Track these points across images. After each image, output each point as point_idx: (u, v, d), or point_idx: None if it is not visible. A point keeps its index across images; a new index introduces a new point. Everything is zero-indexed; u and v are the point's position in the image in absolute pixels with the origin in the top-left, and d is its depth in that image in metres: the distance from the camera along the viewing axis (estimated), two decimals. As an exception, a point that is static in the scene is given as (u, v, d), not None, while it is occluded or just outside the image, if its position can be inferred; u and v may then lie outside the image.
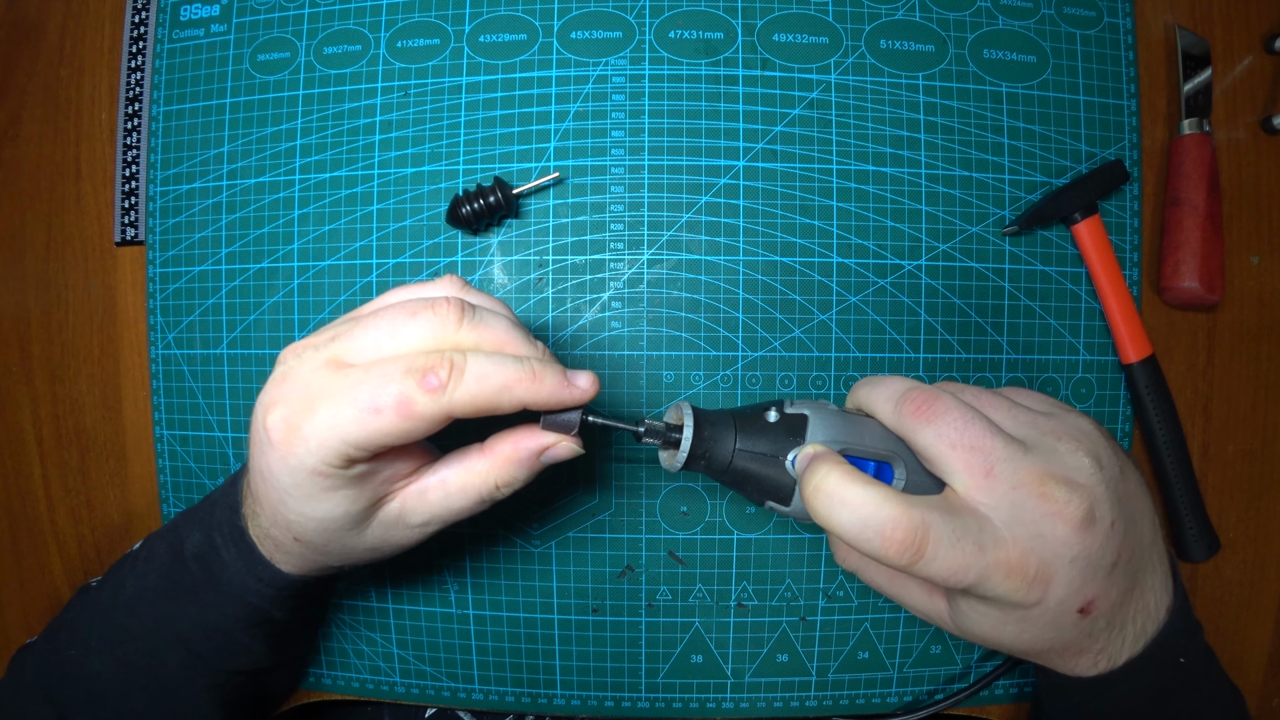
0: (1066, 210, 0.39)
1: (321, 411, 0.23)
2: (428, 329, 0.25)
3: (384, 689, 0.42)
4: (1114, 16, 0.41)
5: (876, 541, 0.24)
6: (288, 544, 0.28)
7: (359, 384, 0.23)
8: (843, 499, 0.24)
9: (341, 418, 0.23)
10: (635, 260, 0.39)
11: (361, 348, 0.25)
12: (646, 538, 0.40)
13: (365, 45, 0.41)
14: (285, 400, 0.24)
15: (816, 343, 0.39)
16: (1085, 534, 0.24)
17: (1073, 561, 0.24)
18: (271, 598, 0.30)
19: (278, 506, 0.26)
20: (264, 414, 0.24)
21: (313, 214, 0.41)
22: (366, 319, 0.25)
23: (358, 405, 0.23)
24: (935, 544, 0.23)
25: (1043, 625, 0.26)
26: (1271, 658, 0.42)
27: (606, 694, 0.41)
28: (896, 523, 0.23)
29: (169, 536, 0.31)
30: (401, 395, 0.23)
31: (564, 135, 0.40)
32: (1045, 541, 0.24)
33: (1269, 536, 0.42)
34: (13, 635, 0.46)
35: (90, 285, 0.44)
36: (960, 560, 0.24)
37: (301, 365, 0.25)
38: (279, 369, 0.25)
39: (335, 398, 0.23)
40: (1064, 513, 0.24)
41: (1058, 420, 0.27)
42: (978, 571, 0.24)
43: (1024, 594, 0.24)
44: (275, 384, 0.25)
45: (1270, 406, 0.42)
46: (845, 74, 0.40)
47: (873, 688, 0.41)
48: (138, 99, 0.43)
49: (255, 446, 0.26)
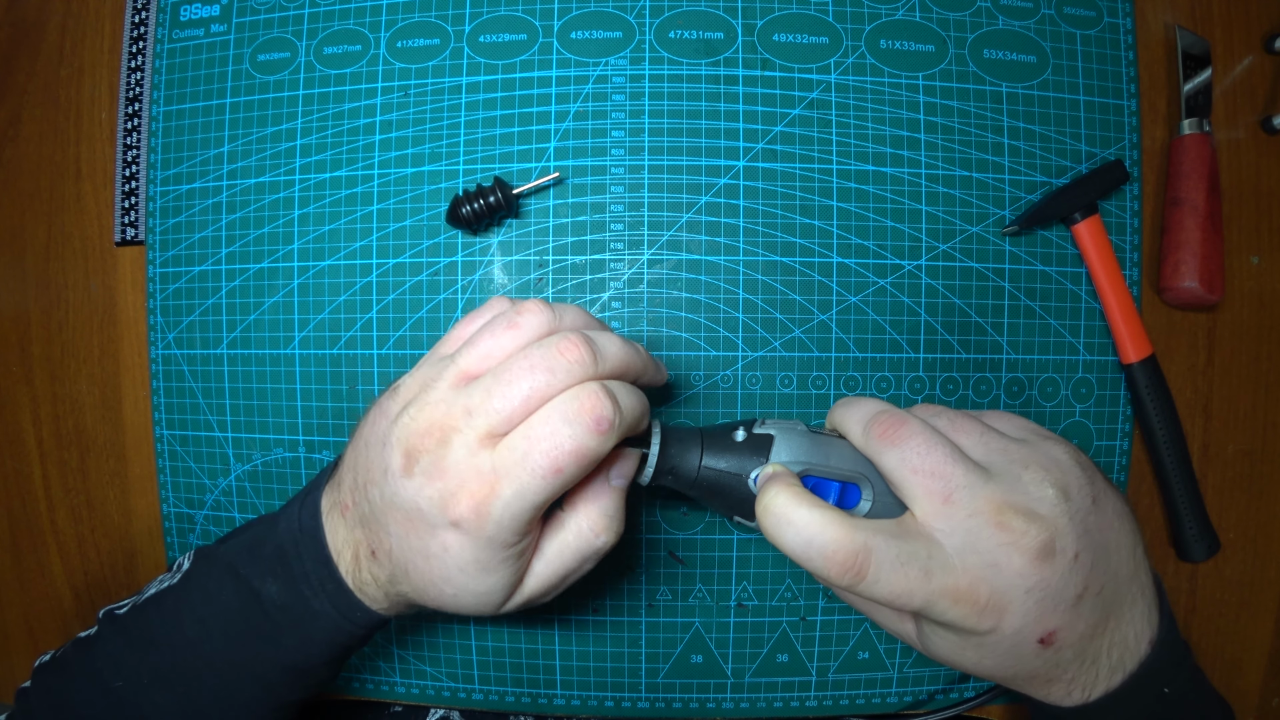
0: (1066, 210, 0.39)
1: (506, 492, 0.24)
2: (570, 377, 0.25)
3: (384, 689, 0.42)
4: (1114, 16, 0.41)
5: (819, 561, 0.24)
6: (424, 606, 0.29)
7: (533, 453, 0.24)
8: (789, 519, 0.25)
9: (528, 490, 0.24)
10: (635, 260, 0.39)
11: (509, 416, 0.25)
12: (646, 538, 0.40)
13: (365, 45, 0.41)
14: (462, 489, 0.24)
15: (816, 343, 0.39)
16: (1043, 565, 0.24)
17: (1028, 592, 0.24)
18: (360, 636, 0.30)
19: (438, 583, 0.27)
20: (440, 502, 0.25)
21: (313, 214, 0.41)
22: (501, 382, 0.25)
23: (539, 474, 0.24)
24: (877, 567, 0.24)
25: (1001, 653, 0.26)
26: (1271, 658, 0.42)
27: (606, 694, 0.41)
28: (839, 545, 0.24)
29: (228, 581, 0.30)
30: (577, 447, 0.24)
31: (564, 135, 0.40)
32: (999, 571, 0.24)
33: (1269, 536, 0.42)
34: (13, 635, 0.46)
35: (90, 285, 0.44)
36: (903, 584, 0.24)
37: (456, 453, 0.25)
38: (424, 460, 0.25)
39: (514, 475, 0.24)
40: (1020, 543, 0.24)
41: (1030, 448, 0.27)
42: (923, 597, 0.24)
43: (975, 621, 0.25)
44: (428, 475, 0.25)
45: (1270, 406, 0.42)
46: (845, 74, 0.40)
47: (873, 688, 0.41)
48: (138, 99, 0.43)
49: (412, 530, 0.26)
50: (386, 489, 0.26)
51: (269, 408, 0.41)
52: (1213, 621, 0.42)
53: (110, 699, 0.31)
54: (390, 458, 0.26)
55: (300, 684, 0.31)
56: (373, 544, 0.28)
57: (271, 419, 0.41)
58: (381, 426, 0.27)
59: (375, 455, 0.27)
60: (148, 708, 0.31)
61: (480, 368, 0.26)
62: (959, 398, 0.40)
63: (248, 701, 0.31)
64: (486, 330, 0.27)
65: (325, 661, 0.30)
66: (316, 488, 0.31)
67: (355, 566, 0.29)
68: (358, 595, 0.29)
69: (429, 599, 0.28)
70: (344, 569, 0.29)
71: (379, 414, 0.28)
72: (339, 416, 0.41)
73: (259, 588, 0.30)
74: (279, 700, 0.31)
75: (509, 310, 0.27)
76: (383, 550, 0.27)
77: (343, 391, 0.41)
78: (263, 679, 0.30)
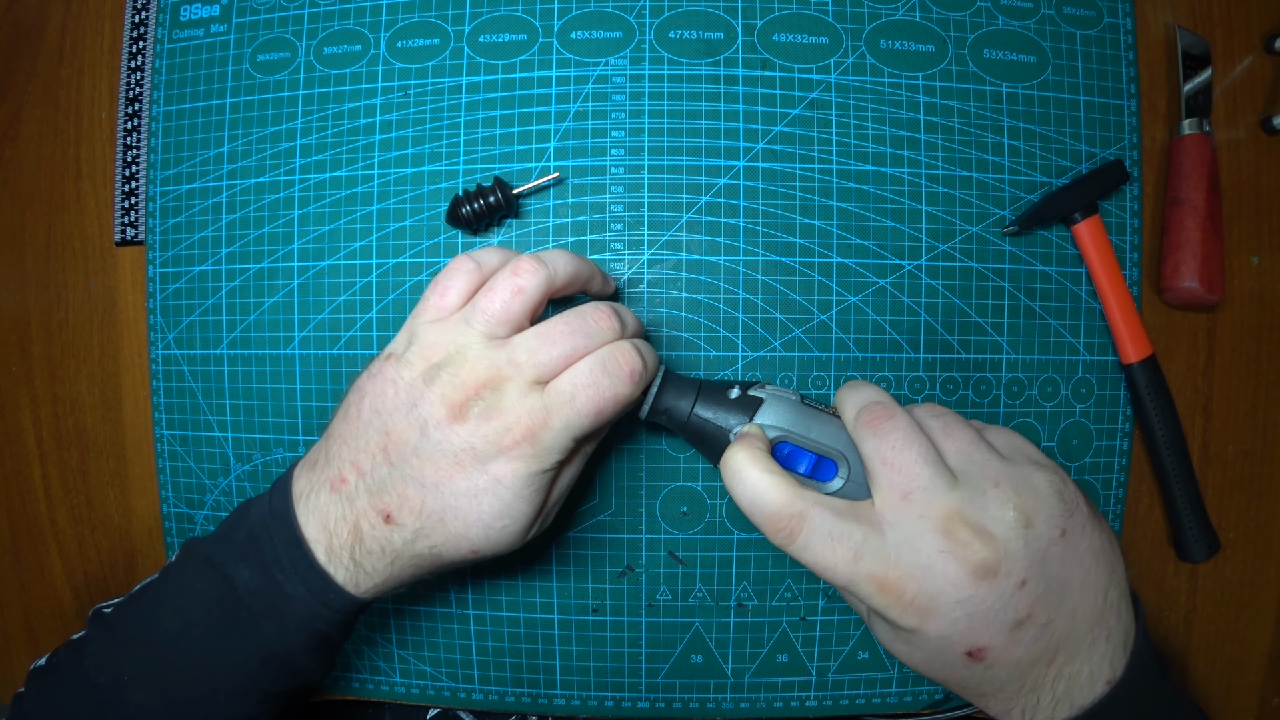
0: (1066, 210, 0.39)
1: (555, 423, 0.28)
2: (602, 339, 0.29)
3: (384, 689, 0.42)
4: (1114, 16, 0.41)
5: (759, 518, 0.27)
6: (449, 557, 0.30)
7: (578, 394, 0.28)
8: (742, 476, 0.28)
9: (574, 424, 0.28)
10: (635, 260, 0.39)
11: (553, 367, 0.29)
12: (646, 538, 0.40)
13: (365, 45, 0.41)
14: (516, 423, 0.28)
15: (816, 343, 0.39)
16: (979, 582, 0.25)
17: (959, 603, 0.25)
18: (338, 622, 0.30)
19: (486, 518, 0.29)
20: (495, 439, 0.28)
21: (313, 214, 0.41)
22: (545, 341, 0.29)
23: (584, 413, 0.28)
24: (808, 535, 0.26)
25: (928, 654, 0.27)
26: (1271, 658, 0.42)
27: (606, 694, 0.41)
28: (778, 506, 0.27)
29: (204, 571, 0.31)
30: (616, 394, 0.28)
31: (564, 135, 0.40)
32: (932, 574, 0.25)
33: (1269, 536, 0.42)
34: (13, 635, 0.46)
35: (90, 285, 0.44)
36: (829, 558, 0.26)
37: (510, 396, 0.28)
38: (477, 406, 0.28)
39: (561, 411, 0.28)
40: (960, 554, 0.25)
41: (1010, 468, 0.27)
42: (846, 575, 0.26)
43: (898, 614, 0.26)
44: (486, 417, 0.28)
45: (1270, 406, 0.42)
46: (845, 74, 0.40)
47: (873, 688, 0.41)
48: (138, 99, 0.43)
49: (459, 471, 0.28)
50: (427, 443, 0.28)
51: (269, 408, 0.41)
52: (1213, 621, 0.42)
53: (96, 697, 0.31)
54: (429, 412, 0.28)
55: (283, 675, 0.31)
56: (387, 507, 0.29)
57: (271, 419, 0.41)
58: (400, 392, 0.29)
59: (401, 418, 0.29)
60: (130, 706, 0.30)
61: (501, 332, 0.29)
62: (959, 398, 0.40)
63: (230, 695, 0.30)
64: (492, 297, 0.29)
65: (305, 650, 0.30)
66: (287, 474, 0.31)
67: (355, 540, 0.29)
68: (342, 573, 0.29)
69: (465, 544, 0.29)
70: (336, 547, 0.29)
71: (384, 383, 0.29)
72: (339, 416, 0.41)
73: (232, 575, 0.30)
74: (262, 692, 0.31)
75: (506, 274, 0.30)
76: (407, 508, 0.28)
77: (343, 391, 0.41)
78: (242, 669, 0.30)
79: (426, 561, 0.30)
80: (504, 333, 0.29)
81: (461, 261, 0.31)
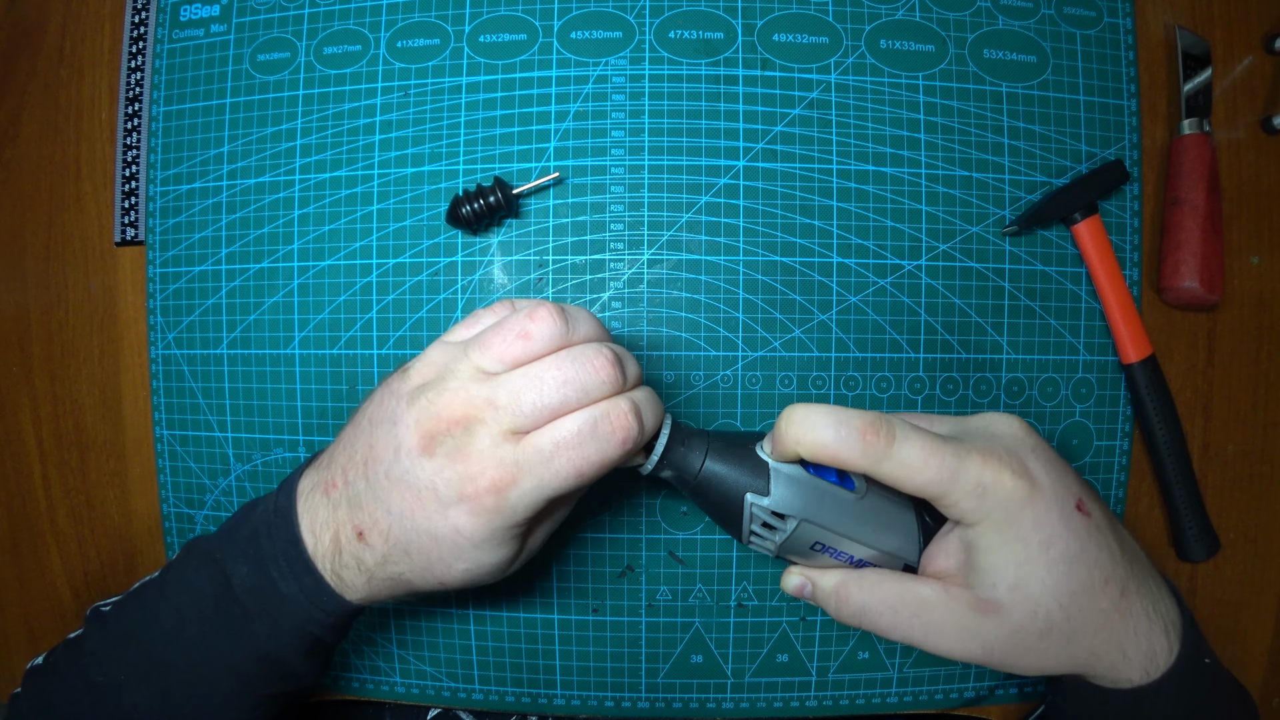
0: (1066, 210, 0.39)
1: (525, 482, 0.26)
2: (599, 395, 0.26)
3: (384, 689, 0.42)
4: (1114, 16, 0.41)
5: (845, 431, 0.25)
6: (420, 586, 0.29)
7: (558, 455, 0.25)
8: (813, 414, 0.26)
9: (547, 485, 0.26)
10: (635, 260, 0.39)
11: (535, 419, 0.26)
12: (646, 538, 0.40)
13: (365, 45, 0.41)
14: (481, 475, 0.26)
15: (816, 343, 0.39)
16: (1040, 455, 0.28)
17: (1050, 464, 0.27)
18: (330, 625, 0.30)
19: (447, 559, 0.27)
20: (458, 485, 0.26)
21: (313, 214, 0.41)
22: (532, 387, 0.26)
23: (562, 477, 0.26)
24: (903, 439, 0.25)
25: (1054, 521, 0.26)
26: (1271, 658, 0.42)
27: (606, 694, 0.41)
28: (864, 418, 0.26)
29: (204, 568, 0.31)
30: (602, 460, 0.26)
31: (564, 135, 0.40)
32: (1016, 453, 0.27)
33: (1269, 536, 0.42)
34: (13, 635, 0.46)
35: (90, 285, 0.44)
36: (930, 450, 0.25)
37: (480, 441, 0.26)
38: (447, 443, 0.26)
39: (535, 471, 0.26)
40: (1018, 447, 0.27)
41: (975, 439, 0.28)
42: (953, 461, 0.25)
43: (1011, 480, 0.26)
44: (452, 459, 0.26)
45: (1270, 406, 0.42)
46: (845, 74, 0.40)
47: (873, 688, 0.41)
48: (138, 99, 0.43)
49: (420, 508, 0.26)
50: (397, 467, 0.26)
51: (269, 408, 0.41)
52: (1213, 621, 0.42)
53: (92, 696, 0.31)
54: (404, 436, 0.26)
55: (276, 676, 0.31)
56: (360, 525, 0.28)
57: (271, 419, 0.41)
58: (391, 406, 0.28)
59: (383, 433, 0.27)
60: (126, 705, 0.30)
61: (493, 369, 0.27)
62: (959, 398, 0.40)
63: (224, 695, 0.30)
64: (498, 332, 0.27)
65: (299, 653, 0.30)
66: (296, 472, 0.31)
67: (335, 550, 0.28)
68: (330, 580, 0.29)
69: (431, 577, 0.28)
70: (320, 553, 0.29)
71: (387, 393, 0.28)
72: (339, 416, 0.41)
73: (231, 571, 0.30)
74: (255, 694, 0.31)
75: (521, 316, 0.27)
76: (377, 531, 0.27)
77: (343, 391, 0.41)
78: (236, 670, 0.30)
79: (401, 586, 0.29)
80: (497, 370, 0.27)
81: (506, 304, 0.30)
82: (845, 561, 0.30)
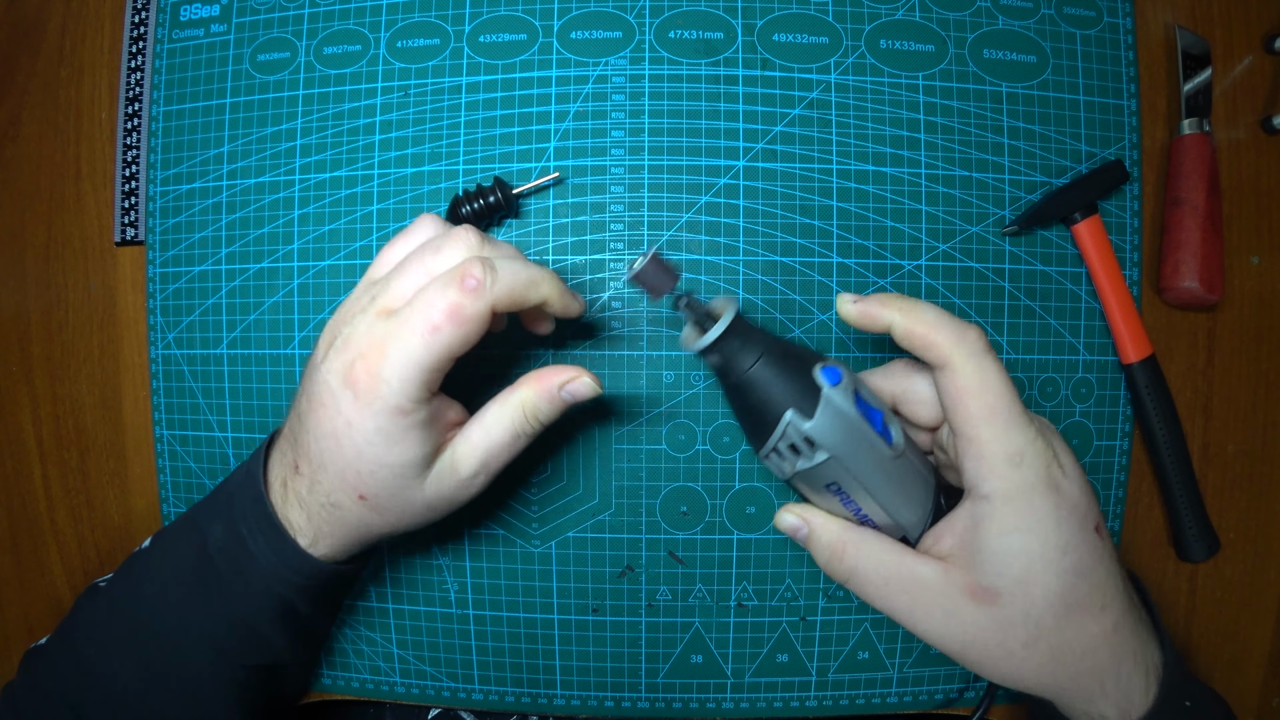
0: (1066, 210, 0.39)
1: (392, 352, 0.26)
2: (457, 253, 0.27)
3: (384, 689, 0.42)
4: (1114, 16, 0.41)
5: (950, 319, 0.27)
6: (348, 506, 0.28)
7: (413, 314, 0.26)
8: None
9: (411, 348, 0.26)
10: (635, 260, 0.39)
11: (403, 292, 0.27)
12: (646, 538, 0.40)
13: (365, 45, 0.41)
14: (359, 356, 0.26)
15: (816, 343, 0.39)
16: None
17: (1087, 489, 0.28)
18: (300, 587, 0.30)
19: (352, 462, 0.27)
20: (342, 373, 0.26)
21: (313, 214, 0.41)
22: (398, 269, 0.28)
23: (419, 331, 0.26)
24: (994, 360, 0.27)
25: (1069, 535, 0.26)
26: (1271, 658, 0.42)
27: (606, 694, 0.41)
28: None
29: (186, 533, 0.31)
30: (450, 305, 0.26)
31: (564, 135, 0.40)
32: None
33: (1269, 536, 0.42)
34: (13, 635, 0.46)
35: (90, 285, 0.44)
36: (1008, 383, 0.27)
37: (357, 326, 0.27)
38: (336, 341, 0.27)
39: (398, 335, 0.26)
40: None
41: None
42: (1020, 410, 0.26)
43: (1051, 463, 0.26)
44: (339, 351, 0.27)
45: (1270, 406, 0.42)
46: (845, 74, 0.40)
47: (873, 688, 0.41)
48: (138, 99, 0.43)
49: (323, 411, 0.27)
50: (309, 384, 0.28)
51: (269, 408, 0.41)
52: (1213, 621, 0.42)
53: (80, 668, 0.31)
54: (316, 356, 0.28)
55: (250, 646, 0.31)
56: (297, 457, 0.28)
57: (271, 419, 0.41)
58: None
59: (308, 369, 0.29)
60: (108, 677, 0.31)
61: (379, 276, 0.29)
62: (959, 398, 0.40)
63: (199, 666, 0.31)
64: (402, 277, 0.28)
65: (271, 618, 0.30)
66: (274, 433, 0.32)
67: (283, 496, 0.29)
68: (289, 529, 0.29)
69: (348, 488, 0.28)
70: (276, 502, 0.29)
71: None
72: (339, 416, 0.41)
73: (207, 533, 0.30)
74: (231, 664, 0.31)
75: (435, 238, 0.29)
76: (305, 456, 0.28)
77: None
78: (211, 638, 0.30)
79: (339, 520, 0.29)
80: None
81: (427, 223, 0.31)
82: (851, 512, 0.29)
